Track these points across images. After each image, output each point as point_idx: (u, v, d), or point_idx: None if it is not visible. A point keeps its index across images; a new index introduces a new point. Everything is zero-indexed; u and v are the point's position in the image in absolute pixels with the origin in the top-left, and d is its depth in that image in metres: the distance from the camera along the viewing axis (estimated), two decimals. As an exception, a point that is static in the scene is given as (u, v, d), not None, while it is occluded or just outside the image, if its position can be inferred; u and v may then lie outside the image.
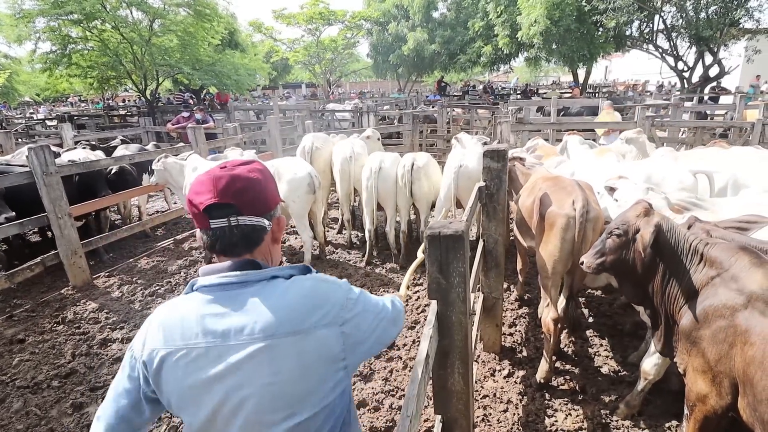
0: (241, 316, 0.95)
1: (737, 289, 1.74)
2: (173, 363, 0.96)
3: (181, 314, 0.99)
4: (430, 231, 1.49)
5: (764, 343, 1.59)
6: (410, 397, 1.13)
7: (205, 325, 0.96)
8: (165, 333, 0.98)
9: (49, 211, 4.48)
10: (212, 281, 1.00)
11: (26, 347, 3.71)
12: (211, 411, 0.96)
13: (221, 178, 1.00)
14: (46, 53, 13.94)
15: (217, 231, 1.01)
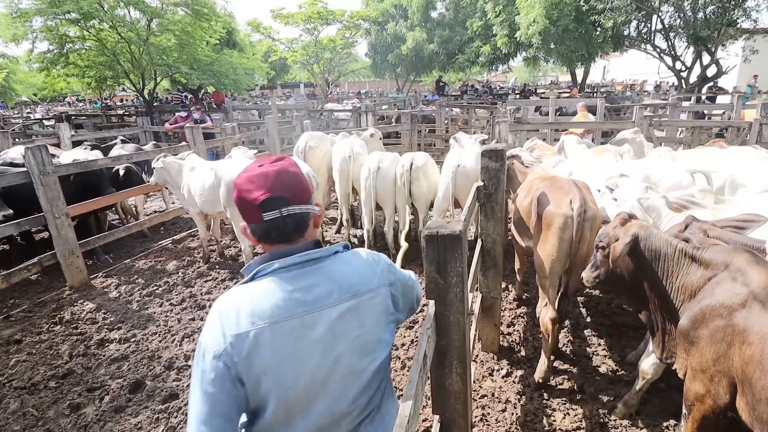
0: (325, 285, 1.11)
1: (734, 288, 1.74)
2: (270, 339, 1.05)
3: (263, 295, 1.08)
4: (427, 231, 1.49)
5: (763, 342, 1.59)
6: (408, 397, 1.12)
7: (296, 298, 1.08)
8: (252, 315, 1.05)
9: (46, 211, 4.47)
10: (291, 261, 1.12)
11: (23, 348, 3.69)
12: (310, 374, 1.08)
13: (269, 174, 1.12)
14: (44, 53, 13.88)
15: (271, 222, 1.11)
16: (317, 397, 1.11)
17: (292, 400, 1.08)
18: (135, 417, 2.88)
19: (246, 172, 1.14)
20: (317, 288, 1.11)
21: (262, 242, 1.16)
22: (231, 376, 1.03)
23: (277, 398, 1.07)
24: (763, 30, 15.15)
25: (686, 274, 1.97)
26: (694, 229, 2.18)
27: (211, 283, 4.74)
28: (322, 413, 1.12)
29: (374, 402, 1.21)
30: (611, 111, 11.93)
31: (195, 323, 3.97)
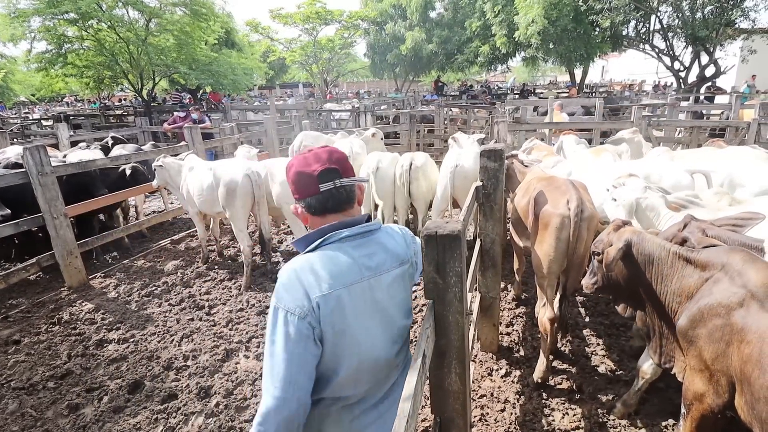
0: (380, 254, 1.29)
1: (732, 287, 1.74)
2: (348, 300, 1.19)
3: (336, 260, 1.21)
4: (426, 231, 1.49)
5: (761, 341, 1.59)
6: (407, 397, 1.12)
7: (363, 263, 1.24)
8: (331, 278, 1.18)
9: (45, 211, 4.46)
10: (357, 231, 1.27)
11: (22, 348, 3.69)
12: (375, 332, 1.26)
13: (322, 152, 1.29)
14: (42, 53, 13.86)
15: (326, 193, 1.25)
16: (380, 353, 1.28)
17: (363, 357, 1.24)
18: (134, 417, 2.88)
19: (298, 155, 1.30)
20: (376, 256, 1.28)
21: (317, 215, 1.29)
22: (313, 336, 1.14)
23: (350, 355, 1.21)
24: (762, 30, 15.19)
25: (682, 277, 1.97)
26: (692, 228, 2.18)
27: (210, 283, 4.74)
28: (382, 367, 1.31)
29: (408, 356, 1.44)
30: (610, 111, 11.94)
31: (194, 323, 3.97)
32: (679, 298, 1.98)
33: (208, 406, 2.95)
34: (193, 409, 2.93)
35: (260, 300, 4.32)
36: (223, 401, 2.98)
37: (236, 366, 3.36)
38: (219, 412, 2.89)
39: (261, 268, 5.02)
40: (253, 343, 3.63)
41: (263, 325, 3.89)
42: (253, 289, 4.55)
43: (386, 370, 1.33)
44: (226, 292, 4.54)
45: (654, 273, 2.08)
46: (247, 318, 4.03)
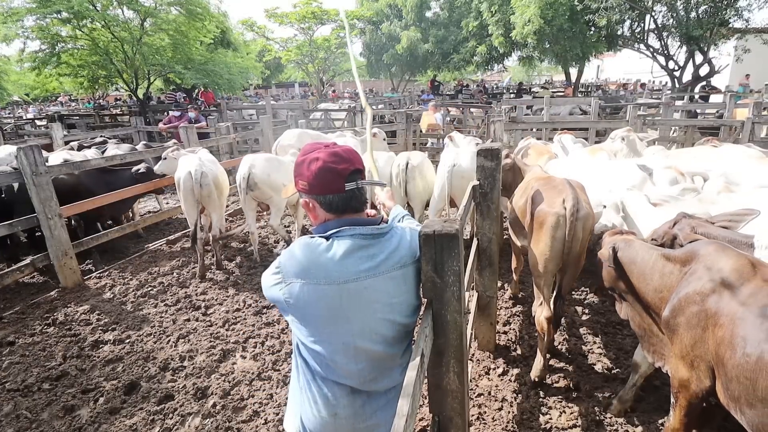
0: (383, 255, 1.32)
1: (706, 276, 1.84)
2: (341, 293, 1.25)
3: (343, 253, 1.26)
4: (424, 230, 1.49)
5: (732, 323, 1.66)
6: (406, 396, 1.12)
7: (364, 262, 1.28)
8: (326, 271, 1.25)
9: (39, 211, 4.43)
10: (369, 231, 1.31)
11: (16, 350, 3.66)
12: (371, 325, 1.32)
13: (348, 151, 1.33)
14: (35, 52, 13.73)
15: (350, 192, 1.30)
16: (379, 348, 1.33)
17: (360, 349, 1.30)
18: (130, 418, 2.87)
19: (321, 150, 1.31)
20: (378, 257, 1.31)
21: (335, 213, 1.33)
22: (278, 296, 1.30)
23: (346, 346, 1.29)
24: (755, 30, 15.28)
25: (663, 275, 2.07)
26: (683, 224, 2.24)
27: (206, 283, 4.72)
28: (384, 360, 1.36)
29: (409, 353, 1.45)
30: (612, 110, 11.99)
31: (190, 324, 3.95)
32: (661, 294, 2.05)
33: (204, 406, 2.94)
34: (189, 410, 2.91)
35: (257, 300, 4.31)
36: (220, 402, 2.97)
37: (233, 366, 3.35)
38: (216, 413, 2.88)
39: (253, 269, 5.01)
40: (249, 344, 3.62)
41: (260, 325, 3.88)
42: (249, 290, 4.54)
43: (389, 363, 1.38)
44: (223, 292, 4.52)
45: (638, 274, 2.19)
46: (244, 318, 4.01)
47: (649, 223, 2.72)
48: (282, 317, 3.98)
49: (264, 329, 3.82)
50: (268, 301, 4.24)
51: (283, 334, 3.74)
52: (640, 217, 2.82)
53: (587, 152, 4.95)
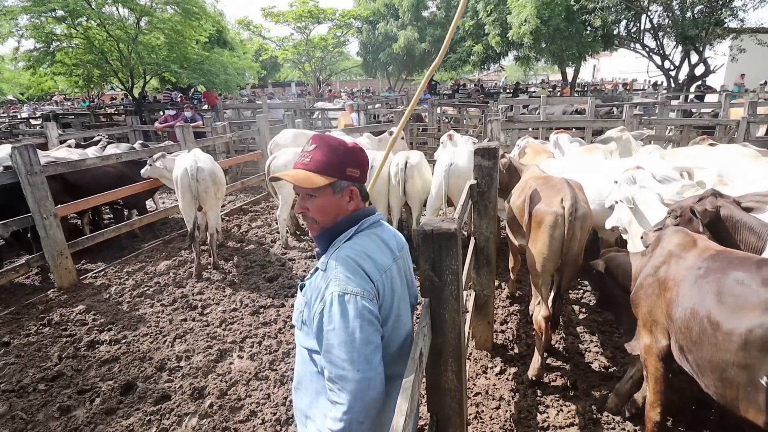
0: (394, 239, 1.41)
1: (659, 252, 2.16)
2: (392, 280, 1.30)
3: (378, 244, 1.32)
4: (422, 229, 1.49)
5: (676, 285, 1.94)
6: (405, 396, 1.12)
7: (391, 246, 1.37)
8: (381, 261, 1.28)
9: (34, 211, 4.40)
10: (378, 217, 1.39)
11: (11, 350, 3.63)
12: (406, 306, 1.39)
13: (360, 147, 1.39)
14: (30, 51, 13.65)
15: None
16: (410, 327, 1.40)
17: (403, 331, 1.34)
18: (126, 419, 2.85)
19: (351, 141, 1.39)
20: (393, 240, 1.40)
21: (365, 200, 1.38)
22: (379, 316, 1.23)
23: (398, 331, 1.32)
24: (750, 30, 15.35)
25: (636, 268, 2.37)
26: (706, 202, 2.32)
27: (203, 283, 4.70)
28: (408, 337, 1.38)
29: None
30: (605, 111, 11.99)
31: (187, 324, 3.93)
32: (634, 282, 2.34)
33: (201, 406, 2.93)
34: (186, 410, 2.90)
35: (254, 300, 4.29)
36: (217, 402, 2.96)
37: (230, 366, 3.34)
38: (213, 413, 2.87)
39: (249, 269, 5.00)
40: (246, 343, 3.61)
41: (257, 325, 3.86)
42: (246, 289, 4.52)
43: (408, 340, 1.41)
44: (220, 292, 4.51)
45: (622, 275, 2.53)
46: (241, 318, 4.00)
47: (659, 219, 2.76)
48: (278, 317, 3.97)
49: (261, 329, 3.81)
50: (264, 301, 4.24)
51: (280, 333, 3.74)
52: (650, 213, 2.86)
53: (583, 151, 4.97)
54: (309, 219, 1.32)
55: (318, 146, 1.29)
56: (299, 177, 1.25)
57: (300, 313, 1.33)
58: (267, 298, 4.32)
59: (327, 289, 1.19)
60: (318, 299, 1.21)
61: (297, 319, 1.36)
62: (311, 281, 1.30)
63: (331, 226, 1.31)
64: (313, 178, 1.25)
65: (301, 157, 1.30)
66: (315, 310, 1.21)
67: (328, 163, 1.27)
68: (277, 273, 4.82)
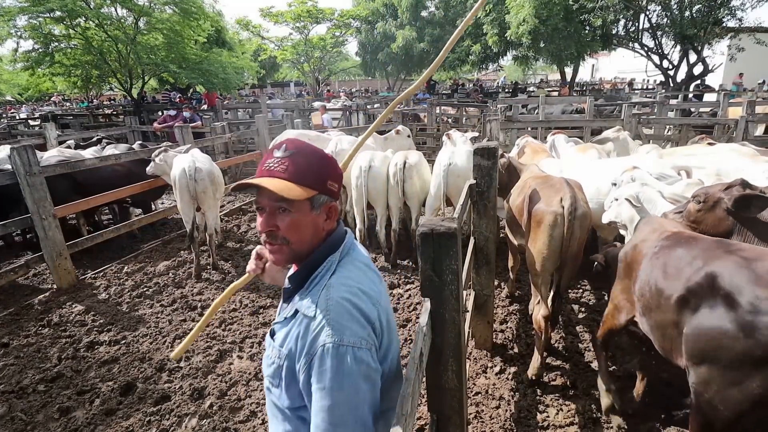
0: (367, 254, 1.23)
1: (632, 241, 2.43)
2: (387, 310, 1.12)
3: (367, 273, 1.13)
4: (422, 229, 1.49)
5: (638, 264, 2.24)
6: (404, 396, 1.12)
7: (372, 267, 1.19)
8: (375, 294, 1.09)
9: (33, 212, 4.40)
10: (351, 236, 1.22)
11: (10, 351, 3.63)
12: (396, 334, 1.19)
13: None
14: (28, 51, 13.64)
15: None
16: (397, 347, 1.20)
17: (396, 359, 1.16)
18: (126, 420, 2.85)
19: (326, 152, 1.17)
20: (368, 257, 1.22)
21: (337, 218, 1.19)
22: (379, 363, 1.04)
23: (392, 362, 1.14)
24: (748, 29, 15.37)
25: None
26: (732, 192, 2.31)
27: (203, 284, 4.70)
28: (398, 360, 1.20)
29: None
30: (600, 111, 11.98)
31: (186, 324, 3.93)
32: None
33: (201, 407, 2.93)
34: (186, 411, 2.90)
35: (253, 300, 4.29)
36: (217, 402, 2.96)
37: (230, 367, 3.34)
38: (213, 413, 2.87)
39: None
40: (246, 344, 3.61)
41: (257, 325, 3.86)
42: (245, 289, 4.52)
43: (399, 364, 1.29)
44: (219, 292, 4.51)
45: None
46: (241, 318, 4.00)
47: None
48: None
49: (261, 329, 3.81)
50: (264, 301, 4.24)
51: (280, 333, 3.73)
52: (654, 210, 2.88)
53: (577, 150, 4.98)
54: (278, 240, 1.08)
55: (296, 153, 1.08)
56: (280, 186, 1.03)
57: (273, 366, 1.10)
58: (266, 299, 4.31)
59: (317, 340, 0.97)
60: (303, 352, 1.00)
61: (270, 374, 1.12)
62: (288, 328, 1.08)
63: (304, 251, 1.10)
64: (292, 188, 1.04)
65: (274, 163, 1.07)
66: (300, 365, 1.00)
67: (309, 173, 1.07)
68: (277, 273, 4.81)
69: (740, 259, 1.77)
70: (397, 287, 4.50)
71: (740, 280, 1.70)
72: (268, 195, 1.04)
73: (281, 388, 1.09)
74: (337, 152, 5.39)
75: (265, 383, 1.16)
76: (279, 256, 1.10)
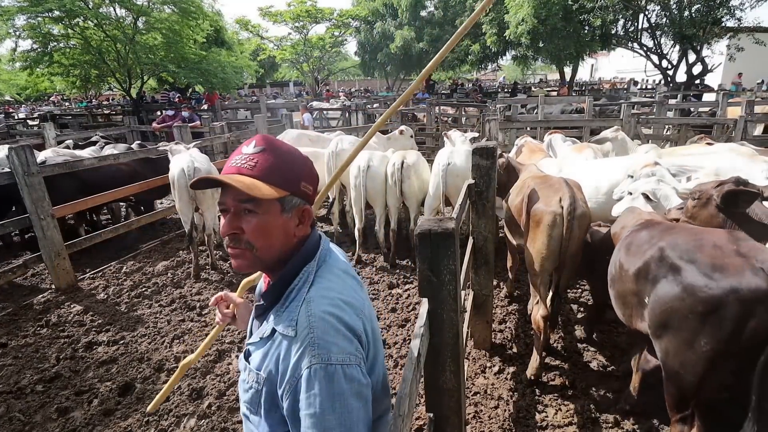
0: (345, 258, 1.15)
1: (616, 228, 2.75)
2: (369, 312, 1.04)
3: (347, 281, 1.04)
4: (420, 229, 1.49)
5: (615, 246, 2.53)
6: (402, 396, 1.12)
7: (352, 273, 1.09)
8: (358, 303, 0.99)
9: (31, 212, 4.39)
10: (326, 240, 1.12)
11: (8, 351, 3.62)
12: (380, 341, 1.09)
13: None
14: (27, 51, 13.63)
15: None
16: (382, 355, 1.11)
17: (381, 365, 1.08)
18: (125, 420, 2.85)
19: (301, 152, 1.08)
20: (346, 262, 1.12)
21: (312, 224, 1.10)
22: (366, 381, 0.94)
23: (379, 369, 1.06)
24: (747, 29, 15.38)
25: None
26: (724, 187, 2.35)
27: (201, 284, 4.70)
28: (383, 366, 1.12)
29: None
30: (600, 111, 11.99)
31: (185, 324, 3.93)
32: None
33: (200, 407, 2.92)
34: (185, 411, 2.90)
35: (251, 300, 4.28)
36: (216, 402, 2.96)
37: (228, 367, 3.34)
38: (211, 414, 2.87)
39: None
40: (245, 344, 3.60)
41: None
42: (244, 289, 4.51)
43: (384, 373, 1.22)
44: (218, 292, 4.49)
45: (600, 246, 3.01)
46: (239, 318, 3.99)
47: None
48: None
49: (259, 329, 3.80)
50: (263, 301, 4.23)
51: (278, 334, 3.73)
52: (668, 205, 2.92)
53: (573, 150, 4.99)
54: (242, 245, 0.97)
55: (267, 149, 0.98)
56: (246, 183, 0.93)
57: (251, 392, 0.99)
58: (265, 299, 4.31)
59: (301, 362, 0.88)
60: (286, 376, 0.90)
61: (247, 399, 1.01)
62: (265, 350, 0.98)
63: (271, 258, 1.00)
64: (260, 186, 0.94)
65: (240, 159, 0.98)
66: (283, 390, 0.91)
67: (280, 172, 0.97)
68: (276, 273, 4.81)
69: (686, 233, 2.04)
70: (396, 287, 4.50)
71: (683, 249, 1.93)
72: (233, 194, 0.95)
73: (260, 414, 0.99)
74: (338, 152, 5.39)
75: (242, 410, 1.06)
76: (241, 261, 0.99)
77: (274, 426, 0.97)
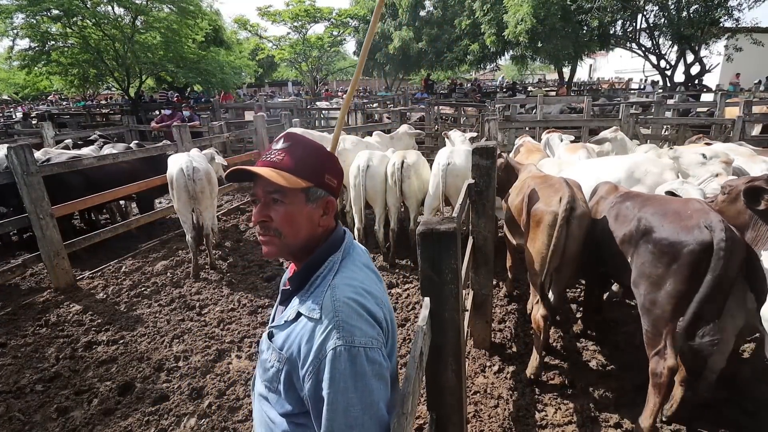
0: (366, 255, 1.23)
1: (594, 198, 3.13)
2: (388, 304, 1.10)
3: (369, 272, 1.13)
4: (422, 228, 1.49)
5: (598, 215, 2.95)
6: (404, 395, 1.12)
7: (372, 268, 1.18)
8: (379, 294, 1.07)
9: (30, 211, 4.38)
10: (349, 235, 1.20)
11: (8, 351, 3.62)
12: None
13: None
14: (25, 50, 13.59)
15: None
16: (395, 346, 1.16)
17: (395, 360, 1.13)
18: (124, 420, 2.84)
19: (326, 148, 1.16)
20: (368, 257, 1.22)
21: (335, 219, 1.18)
22: (387, 364, 1.02)
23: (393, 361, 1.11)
24: (745, 29, 15.44)
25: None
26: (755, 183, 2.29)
27: (201, 283, 4.69)
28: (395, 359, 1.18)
29: None
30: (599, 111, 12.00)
31: (184, 324, 3.93)
32: None
33: (200, 407, 2.92)
34: (185, 411, 2.90)
35: (251, 300, 4.29)
36: (216, 402, 2.96)
37: (228, 366, 3.34)
38: (212, 413, 2.87)
39: (247, 269, 4.99)
40: (245, 343, 3.61)
41: (255, 325, 3.86)
42: (243, 289, 4.52)
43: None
44: (217, 292, 4.50)
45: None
46: (239, 318, 4.00)
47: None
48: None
49: (259, 329, 3.80)
50: (262, 301, 4.24)
51: (278, 333, 3.73)
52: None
53: (566, 150, 5.00)
54: (271, 232, 1.05)
55: (293, 144, 1.07)
56: (273, 174, 1.01)
57: (273, 370, 1.05)
58: (265, 298, 4.31)
59: (326, 344, 0.93)
60: (310, 357, 0.95)
61: (267, 378, 1.08)
62: (288, 332, 1.04)
63: (297, 245, 1.07)
64: (286, 177, 1.02)
65: (269, 155, 1.07)
66: (306, 370, 0.95)
67: (306, 164, 1.05)
68: (275, 272, 4.82)
69: (656, 204, 2.53)
70: (395, 287, 4.50)
71: (654, 218, 2.43)
72: (263, 184, 1.04)
73: (279, 393, 1.05)
74: (339, 152, 5.39)
75: (258, 389, 1.12)
76: (270, 247, 1.07)
77: (293, 404, 1.03)
